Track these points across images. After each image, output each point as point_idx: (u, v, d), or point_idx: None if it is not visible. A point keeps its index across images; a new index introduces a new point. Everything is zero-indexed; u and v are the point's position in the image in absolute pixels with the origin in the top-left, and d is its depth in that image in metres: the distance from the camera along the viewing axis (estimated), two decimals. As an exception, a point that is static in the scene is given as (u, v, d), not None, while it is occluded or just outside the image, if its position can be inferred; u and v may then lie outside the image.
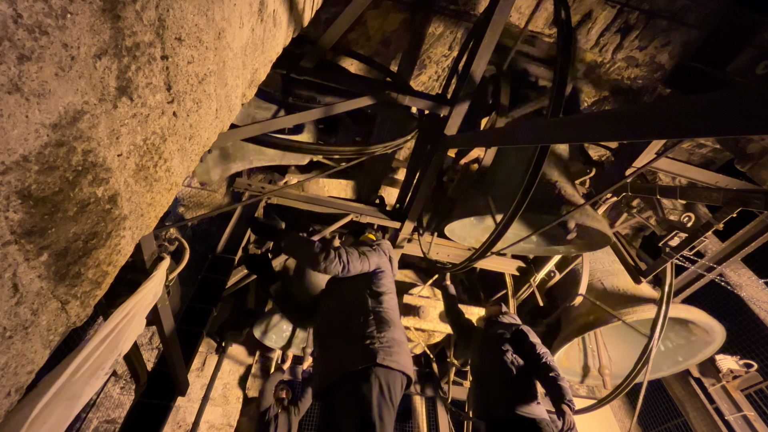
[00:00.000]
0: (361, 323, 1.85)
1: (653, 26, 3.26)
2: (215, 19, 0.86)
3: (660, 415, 5.73)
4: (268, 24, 1.30)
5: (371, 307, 1.92)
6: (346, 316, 1.92)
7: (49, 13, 0.46)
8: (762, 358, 4.89)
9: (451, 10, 3.27)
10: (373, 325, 1.83)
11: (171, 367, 2.20)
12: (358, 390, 1.61)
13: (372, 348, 1.73)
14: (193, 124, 0.90)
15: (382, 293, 2.01)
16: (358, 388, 1.61)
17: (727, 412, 4.69)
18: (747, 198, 2.43)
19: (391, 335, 1.81)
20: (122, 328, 1.14)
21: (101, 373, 1.11)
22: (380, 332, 1.80)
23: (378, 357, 1.69)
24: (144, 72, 0.65)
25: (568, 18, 2.07)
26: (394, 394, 1.65)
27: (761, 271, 4.73)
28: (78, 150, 0.56)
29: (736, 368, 4.80)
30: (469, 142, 2.64)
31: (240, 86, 1.20)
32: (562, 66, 1.90)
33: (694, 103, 0.60)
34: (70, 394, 0.97)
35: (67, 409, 0.98)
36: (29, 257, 0.53)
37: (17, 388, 0.58)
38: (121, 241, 0.74)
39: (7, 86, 0.43)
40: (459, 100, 2.41)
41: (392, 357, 1.72)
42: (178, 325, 2.58)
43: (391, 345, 1.77)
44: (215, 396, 4.66)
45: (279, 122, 2.35)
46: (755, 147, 3.23)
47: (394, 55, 3.72)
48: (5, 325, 0.52)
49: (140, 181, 0.75)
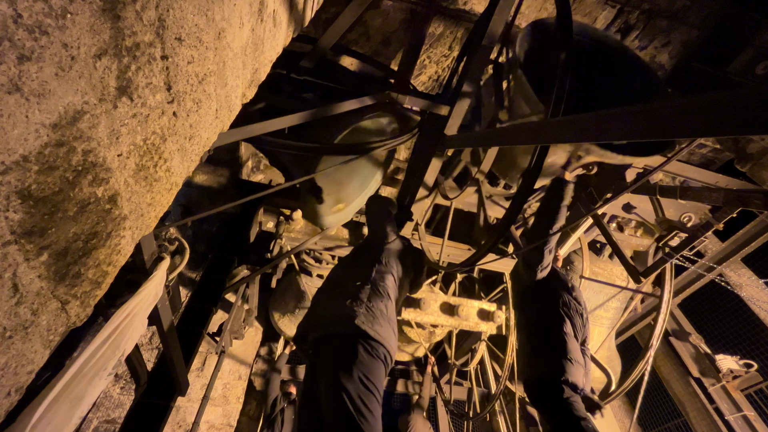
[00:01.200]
0: (356, 286, 1.90)
1: (653, 26, 3.26)
2: (215, 19, 0.86)
3: (660, 415, 5.73)
4: (268, 24, 1.30)
5: (372, 278, 1.96)
6: (348, 278, 1.99)
7: (49, 13, 0.46)
8: (762, 358, 4.89)
9: (451, 10, 3.27)
10: (366, 292, 1.87)
11: (171, 367, 2.20)
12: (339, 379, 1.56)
13: (354, 309, 1.75)
14: (193, 124, 0.90)
15: (388, 274, 2.04)
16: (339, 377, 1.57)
17: (727, 412, 4.70)
18: (747, 198, 2.43)
19: (380, 306, 1.83)
20: (124, 329, 1.14)
21: (104, 374, 1.11)
22: (369, 300, 1.83)
23: (357, 319, 1.70)
24: (144, 72, 0.65)
25: (568, 18, 2.07)
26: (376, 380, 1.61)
27: (761, 271, 4.73)
28: (78, 150, 0.56)
29: (736, 368, 4.80)
30: (469, 142, 2.64)
31: (240, 86, 1.20)
32: (562, 66, 1.90)
33: (694, 103, 0.60)
34: (73, 395, 0.97)
35: (70, 409, 0.99)
36: (29, 257, 0.53)
37: (17, 388, 0.58)
38: (121, 241, 0.74)
39: (7, 86, 0.43)
40: (459, 100, 2.41)
41: (373, 326, 1.72)
42: (178, 325, 2.59)
43: (376, 315, 1.78)
44: (215, 396, 4.65)
45: (279, 122, 2.35)
46: (755, 147, 3.23)
47: (394, 55, 3.73)
48: (5, 325, 0.52)
49: (140, 181, 0.75)
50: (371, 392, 1.55)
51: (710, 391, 4.89)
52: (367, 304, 1.81)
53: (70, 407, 0.98)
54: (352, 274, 2.02)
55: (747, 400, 4.79)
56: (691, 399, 5.07)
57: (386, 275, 2.02)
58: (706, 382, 4.98)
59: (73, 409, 1.00)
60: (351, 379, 1.54)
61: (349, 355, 1.63)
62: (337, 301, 1.85)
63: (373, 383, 1.58)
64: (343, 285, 1.96)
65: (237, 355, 5.19)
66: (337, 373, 1.57)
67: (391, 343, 1.77)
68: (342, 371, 1.57)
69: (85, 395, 1.03)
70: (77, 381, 0.98)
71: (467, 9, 3.25)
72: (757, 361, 4.80)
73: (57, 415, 0.92)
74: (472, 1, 3.20)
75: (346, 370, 1.57)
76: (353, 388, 1.52)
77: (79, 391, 0.99)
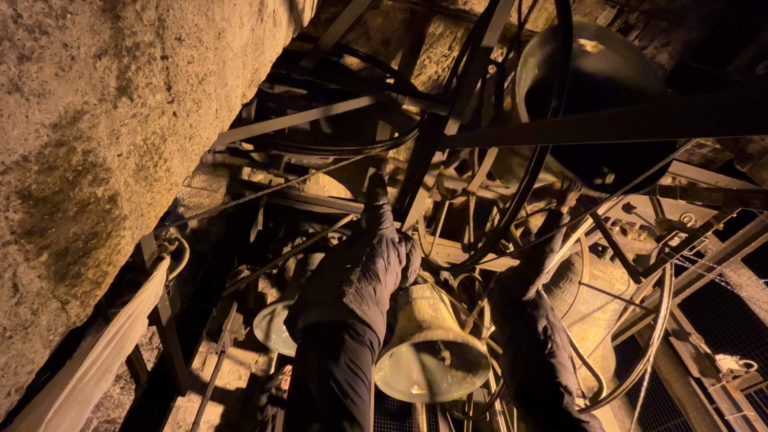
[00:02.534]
0: (347, 269, 1.93)
1: (653, 26, 3.26)
2: (215, 19, 0.86)
3: (660, 415, 5.73)
4: (268, 24, 1.30)
5: (363, 261, 2.00)
6: (340, 261, 2.03)
7: (49, 13, 0.46)
8: (762, 358, 4.89)
9: (451, 10, 3.27)
10: (356, 273, 1.90)
11: (171, 367, 2.20)
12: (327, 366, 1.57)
13: (343, 290, 1.78)
14: (193, 124, 0.90)
15: (379, 258, 2.07)
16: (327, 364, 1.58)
17: (727, 412, 4.70)
18: (747, 198, 2.43)
19: (368, 290, 1.86)
20: (127, 330, 1.15)
21: (110, 376, 1.11)
22: (359, 282, 1.87)
23: (345, 298, 1.73)
24: (144, 72, 0.65)
25: (568, 17, 2.07)
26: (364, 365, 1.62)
27: (761, 271, 4.73)
28: (78, 150, 0.56)
29: (736, 368, 4.80)
30: (469, 142, 2.64)
31: (240, 86, 1.20)
32: (563, 66, 1.90)
33: (694, 103, 0.60)
34: (81, 398, 0.97)
35: (79, 413, 0.99)
36: (29, 257, 0.53)
37: (17, 388, 0.58)
38: (121, 241, 0.74)
39: (7, 86, 0.43)
40: (459, 100, 2.41)
41: (360, 306, 1.75)
42: (178, 325, 2.59)
43: (365, 297, 1.81)
44: (215, 396, 4.65)
45: (278, 122, 2.35)
46: (755, 147, 3.23)
47: (394, 55, 3.73)
48: (5, 325, 0.52)
49: (140, 181, 0.75)
50: (358, 377, 1.57)
51: (710, 391, 4.89)
52: (357, 285, 1.85)
53: (79, 410, 0.99)
54: (344, 258, 2.06)
55: (747, 400, 4.79)
56: (691, 399, 5.07)
57: (377, 259, 2.06)
58: (706, 382, 4.97)
59: (82, 411, 1.00)
60: (338, 366, 1.56)
61: (336, 341, 1.65)
62: (328, 283, 1.89)
63: (359, 367, 1.60)
64: (334, 268, 2.00)
65: (237, 355, 5.19)
66: (325, 360, 1.60)
67: (378, 324, 1.80)
68: (329, 359, 1.60)
69: (92, 398, 1.04)
70: (85, 384, 0.98)
71: (467, 9, 3.25)
72: (757, 361, 4.80)
73: (66, 419, 0.92)
74: (472, 1, 3.20)
75: (332, 358, 1.60)
76: (340, 374, 1.54)
77: (86, 393, 1.00)
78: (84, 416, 1.02)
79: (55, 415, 0.87)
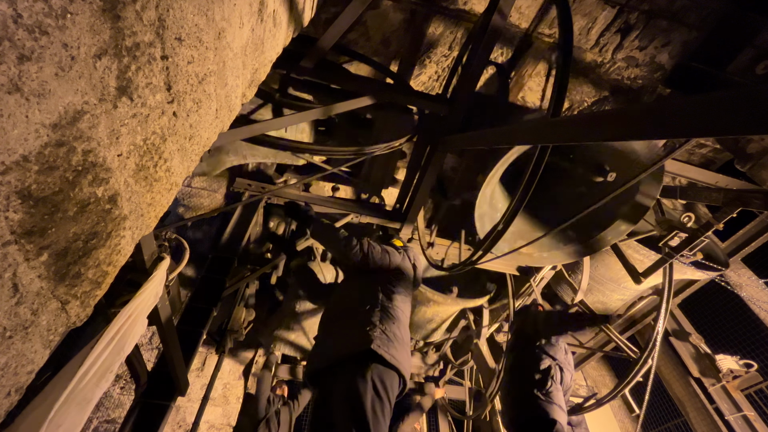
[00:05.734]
0: (366, 311, 1.85)
1: (653, 26, 3.26)
2: (215, 19, 0.86)
3: (660, 415, 5.74)
4: (268, 24, 1.30)
5: (380, 300, 1.92)
6: (354, 304, 1.93)
7: (49, 13, 0.46)
8: (762, 358, 4.90)
9: (451, 10, 3.27)
10: (377, 315, 1.82)
11: (171, 367, 2.20)
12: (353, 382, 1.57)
13: (369, 333, 1.71)
14: (193, 124, 0.90)
15: (396, 293, 2.00)
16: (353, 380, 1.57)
17: (727, 412, 4.70)
18: (747, 198, 2.43)
19: (392, 329, 1.80)
20: (126, 330, 1.15)
21: (110, 376, 1.11)
22: (382, 323, 1.79)
23: (374, 343, 1.66)
24: (144, 72, 0.65)
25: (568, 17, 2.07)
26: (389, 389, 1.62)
27: (761, 271, 4.73)
28: (78, 150, 0.56)
29: (736, 368, 4.80)
30: (469, 142, 2.63)
31: (240, 86, 1.20)
32: (563, 65, 1.90)
33: (694, 103, 0.60)
34: (81, 398, 0.98)
35: (79, 413, 0.99)
36: (29, 257, 0.53)
37: (17, 388, 0.58)
38: (121, 241, 0.74)
39: (7, 86, 0.43)
40: (459, 100, 2.41)
41: (389, 350, 1.69)
42: (178, 325, 2.59)
43: (390, 338, 1.74)
44: (215, 396, 4.65)
45: (278, 122, 2.35)
46: (755, 147, 3.23)
47: (394, 55, 3.72)
48: (5, 325, 0.52)
49: (140, 181, 0.75)
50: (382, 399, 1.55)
51: (710, 391, 4.89)
52: (381, 327, 1.76)
53: (80, 410, 0.99)
54: (357, 299, 1.95)
55: (747, 400, 4.79)
56: (691, 399, 5.07)
57: (393, 296, 1.97)
58: (706, 382, 4.97)
59: (83, 411, 1.00)
60: (365, 383, 1.55)
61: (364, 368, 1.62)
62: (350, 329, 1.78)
63: (386, 391, 1.59)
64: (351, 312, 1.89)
65: (237, 355, 5.19)
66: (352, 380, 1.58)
67: (405, 367, 1.75)
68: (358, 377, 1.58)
69: (93, 398, 1.04)
70: (85, 384, 0.98)
71: (467, 9, 3.25)
72: (757, 361, 4.80)
73: (66, 419, 0.93)
74: (472, 1, 3.20)
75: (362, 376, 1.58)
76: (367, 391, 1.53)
77: (86, 393, 1.00)
78: (84, 416, 1.02)
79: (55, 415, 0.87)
